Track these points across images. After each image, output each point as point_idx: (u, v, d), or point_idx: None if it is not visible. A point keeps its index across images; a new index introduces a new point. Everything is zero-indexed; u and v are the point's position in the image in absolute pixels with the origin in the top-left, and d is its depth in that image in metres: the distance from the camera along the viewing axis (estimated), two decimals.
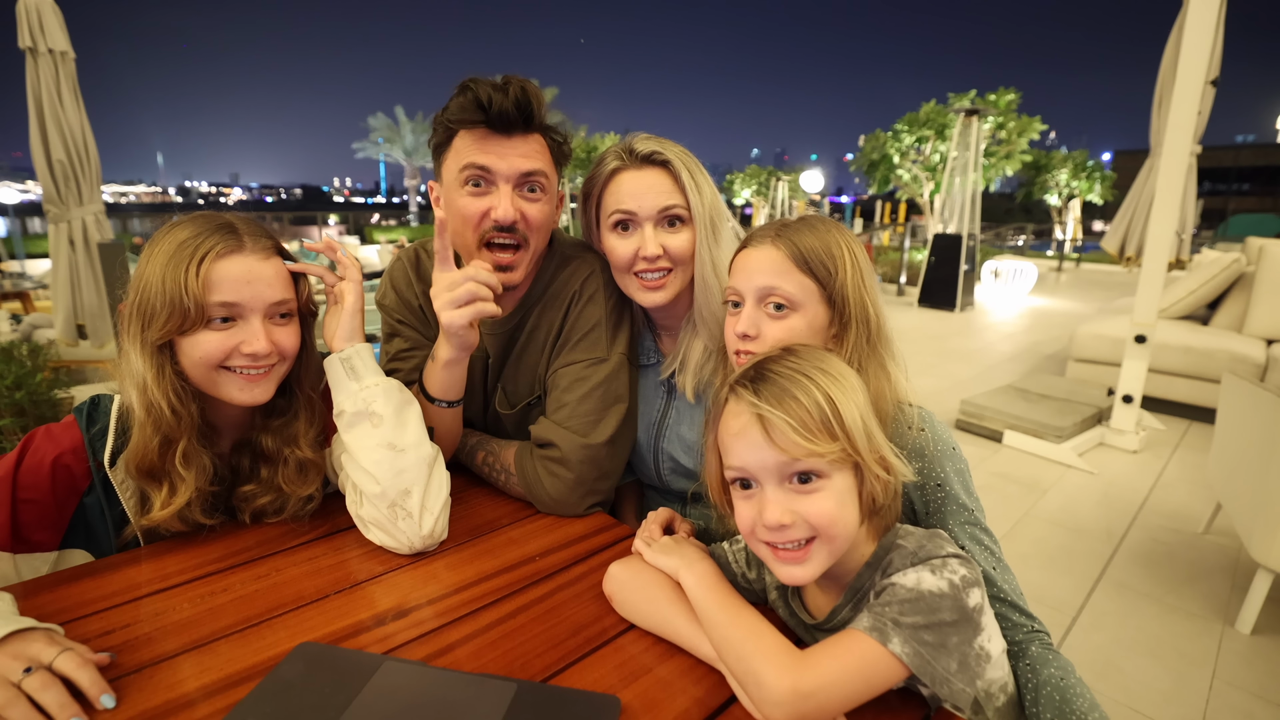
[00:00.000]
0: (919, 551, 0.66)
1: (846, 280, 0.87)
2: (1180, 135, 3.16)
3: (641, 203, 1.06)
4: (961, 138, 8.70)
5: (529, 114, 0.99)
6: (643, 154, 1.07)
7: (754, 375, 0.69)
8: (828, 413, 0.65)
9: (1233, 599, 2.19)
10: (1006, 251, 15.74)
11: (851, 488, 0.67)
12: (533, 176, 1.02)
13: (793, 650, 0.63)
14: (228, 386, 0.88)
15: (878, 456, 0.68)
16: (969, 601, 0.62)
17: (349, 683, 0.66)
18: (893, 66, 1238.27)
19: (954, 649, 0.60)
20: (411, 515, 0.90)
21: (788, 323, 0.88)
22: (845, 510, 0.66)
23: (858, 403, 0.68)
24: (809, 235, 0.89)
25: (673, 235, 1.08)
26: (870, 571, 0.70)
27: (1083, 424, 3.64)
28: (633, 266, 1.09)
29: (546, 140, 1.05)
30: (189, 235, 0.85)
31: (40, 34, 3.28)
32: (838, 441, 0.65)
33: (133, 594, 0.82)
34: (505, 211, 1.00)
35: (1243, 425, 2.10)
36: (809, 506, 0.65)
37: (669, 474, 1.20)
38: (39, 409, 2.65)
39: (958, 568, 0.64)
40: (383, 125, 33.32)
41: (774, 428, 0.65)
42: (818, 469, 0.65)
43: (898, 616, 0.61)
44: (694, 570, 0.76)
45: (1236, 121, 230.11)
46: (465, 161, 0.99)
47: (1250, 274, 4.22)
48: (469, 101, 0.97)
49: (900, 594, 0.63)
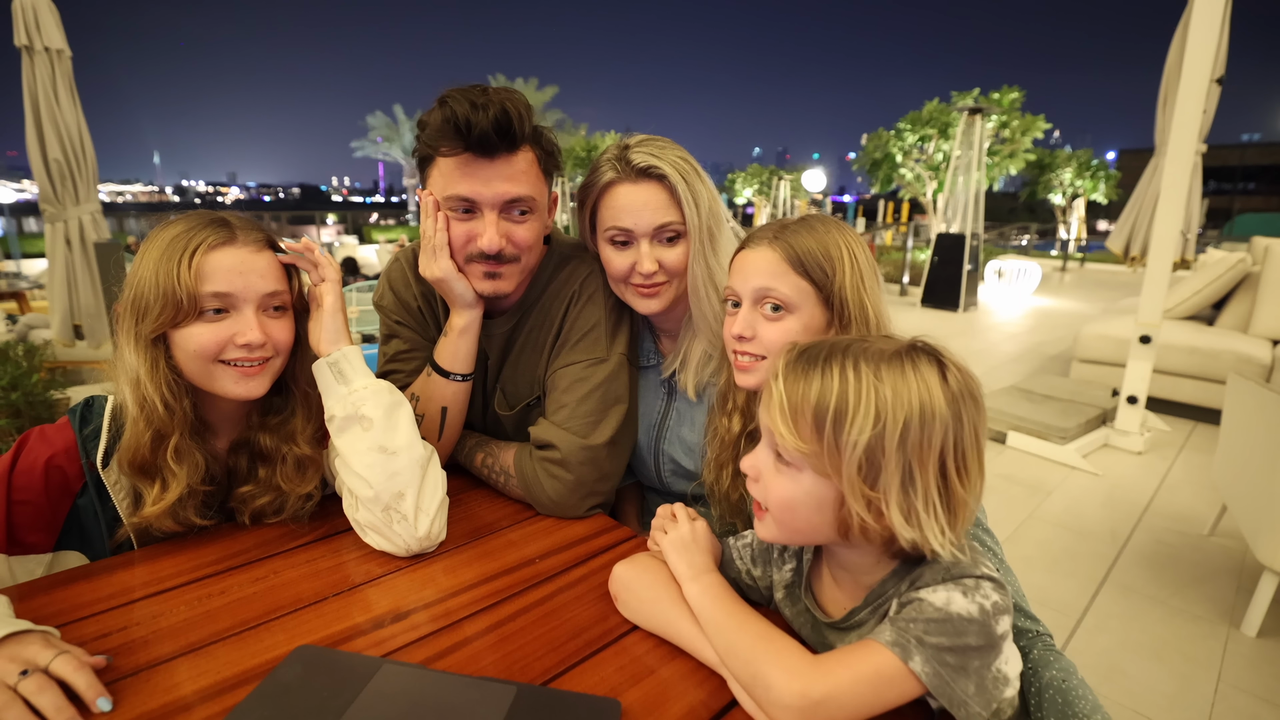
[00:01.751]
0: (952, 568, 0.63)
1: (845, 282, 0.86)
2: (1185, 134, 3.15)
3: (638, 221, 1.05)
4: (965, 136, 8.67)
5: (510, 133, 0.96)
6: (639, 167, 1.04)
7: (800, 352, 0.66)
8: (829, 412, 0.61)
9: (1238, 602, 2.17)
10: (1010, 251, 15.70)
11: (824, 495, 0.64)
12: (518, 200, 1.01)
13: (804, 654, 0.62)
14: (223, 380, 0.88)
15: (871, 503, 0.61)
16: (997, 629, 0.59)
17: (347, 686, 0.65)
18: (896, 64, 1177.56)
19: (974, 672, 0.58)
20: (406, 518, 0.90)
21: (784, 324, 0.88)
22: (800, 507, 0.65)
23: (882, 429, 0.59)
24: (807, 236, 0.88)
25: (669, 250, 1.07)
26: (896, 580, 0.67)
27: (1087, 425, 3.62)
28: (628, 278, 1.09)
29: (536, 151, 1.03)
30: (181, 230, 0.86)
31: (36, 32, 3.27)
32: (817, 444, 0.61)
33: (129, 596, 0.81)
34: (490, 241, 1.00)
35: (1248, 426, 2.09)
36: (773, 482, 0.65)
37: (670, 475, 1.20)
38: (35, 410, 2.65)
39: (990, 592, 0.60)
40: (381, 124, 33.38)
41: (772, 400, 0.64)
42: (790, 457, 0.64)
43: (922, 635, 0.59)
44: (700, 581, 0.75)
45: (1242, 120, 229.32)
46: (449, 192, 0.99)
47: (1256, 274, 4.20)
48: (447, 124, 0.94)
49: (928, 611, 0.60)
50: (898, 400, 0.59)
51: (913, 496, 0.60)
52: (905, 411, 0.59)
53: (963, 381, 0.62)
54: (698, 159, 1.09)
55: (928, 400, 0.60)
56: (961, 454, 0.61)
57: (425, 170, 1.03)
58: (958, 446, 0.61)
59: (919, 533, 0.60)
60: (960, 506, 0.62)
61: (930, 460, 0.60)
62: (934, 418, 0.59)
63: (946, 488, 0.61)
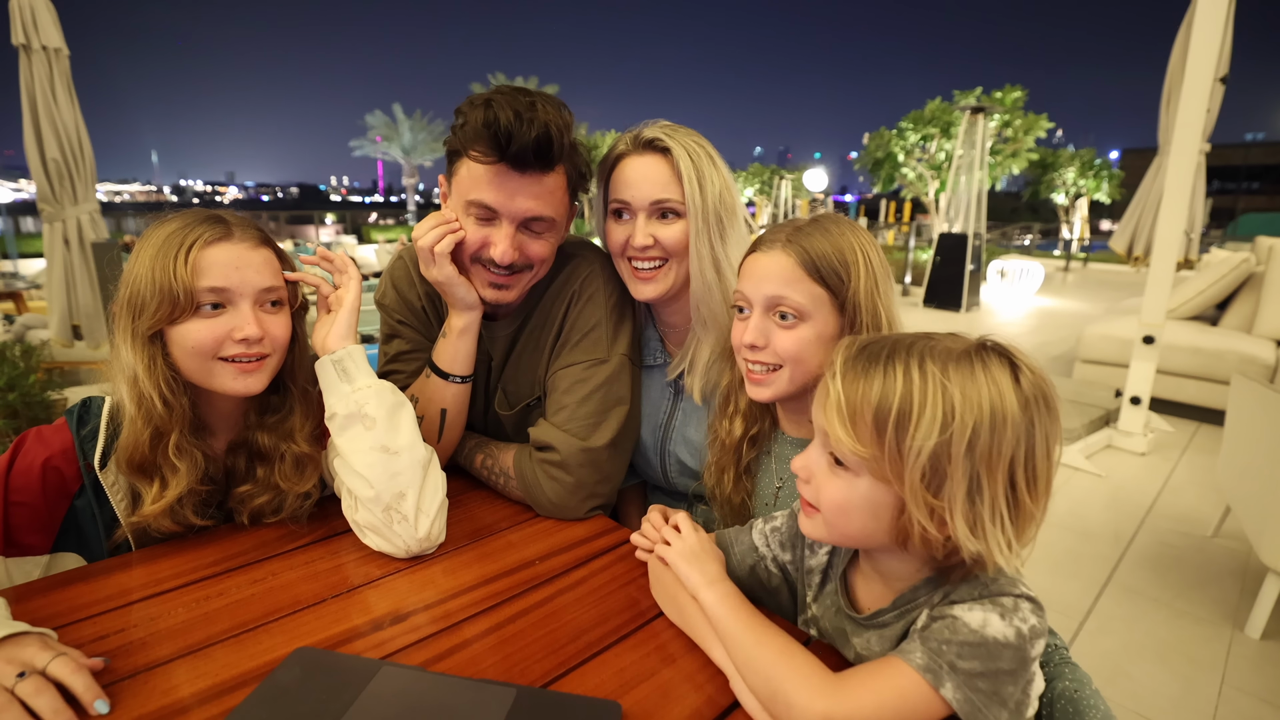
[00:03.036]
0: (990, 583, 0.60)
1: (859, 287, 0.84)
2: (1189, 133, 3.13)
3: (635, 193, 1.05)
4: (967, 136, 8.65)
5: (548, 156, 0.95)
6: (646, 140, 1.06)
7: (860, 348, 0.62)
8: (891, 414, 0.57)
9: (1242, 603, 2.16)
10: (1013, 251, 15.67)
11: (881, 500, 0.61)
12: (540, 219, 1.00)
13: (826, 672, 0.60)
14: (221, 376, 0.88)
15: (935, 511, 0.57)
16: (1032, 652, 0.57)
17: (346, 688, 0.65)
18: (898, 63, 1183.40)
19: (1008, 699, 0.56)
20: (407, 518, 0.89)
21: (797, 333, 0.86)
22: (854, 511, 0.62)
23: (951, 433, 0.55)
24: (821, 239, 0.85)
25: (665, 227, 1.06)
26: (929, 589, 0.64)
27: (1090, 426, 3.61)
28: (625, 252, 1.09)
29: (567, 170, 1.02)
30: (177, 226, 0.86)
31: (34, 30, 3.26)
32: (877, 448, 0.58)
33: (127, 598, 0.81)
34: (504, 253, 0.99)
35: (1253, 427, 2.08)
36: (826, 484, 0.63)
37: (676, 475, 1.19)
38: (32, 411, 2.65)
39: (1029, 615, 0.57)
40: (380, 123, 33.33)
41: (828, 400, 0.61)
42: (847, 460, 0.61)
43: (955, 660, 0.56)
44: (715, 590, 0.73)
45: (1246, 119, 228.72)
46: (473, 196, 0.98)
47: (1260, 274, 4.18)
48: (487, 130, 0.91)
49: (962, 633, 0.57)
50: (966, 403, 0.55)
51: (980, 507, 0.56)
52: (975, 416, 0.55)
53: (1036, 384, 0.57)
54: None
55: (999, 404, 0.55)
56: (1033, 464, 0.57)
57: (453, 163, 1.01)
58: (1029, 456, 0.56)
59: (984, 545, 0.56)
60: (1028, 521, 0.58)
61: (1000, 469, 0.55)
62: (1005, 423, 0.55)
63: (1015, 500, 0.57)
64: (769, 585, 0.85)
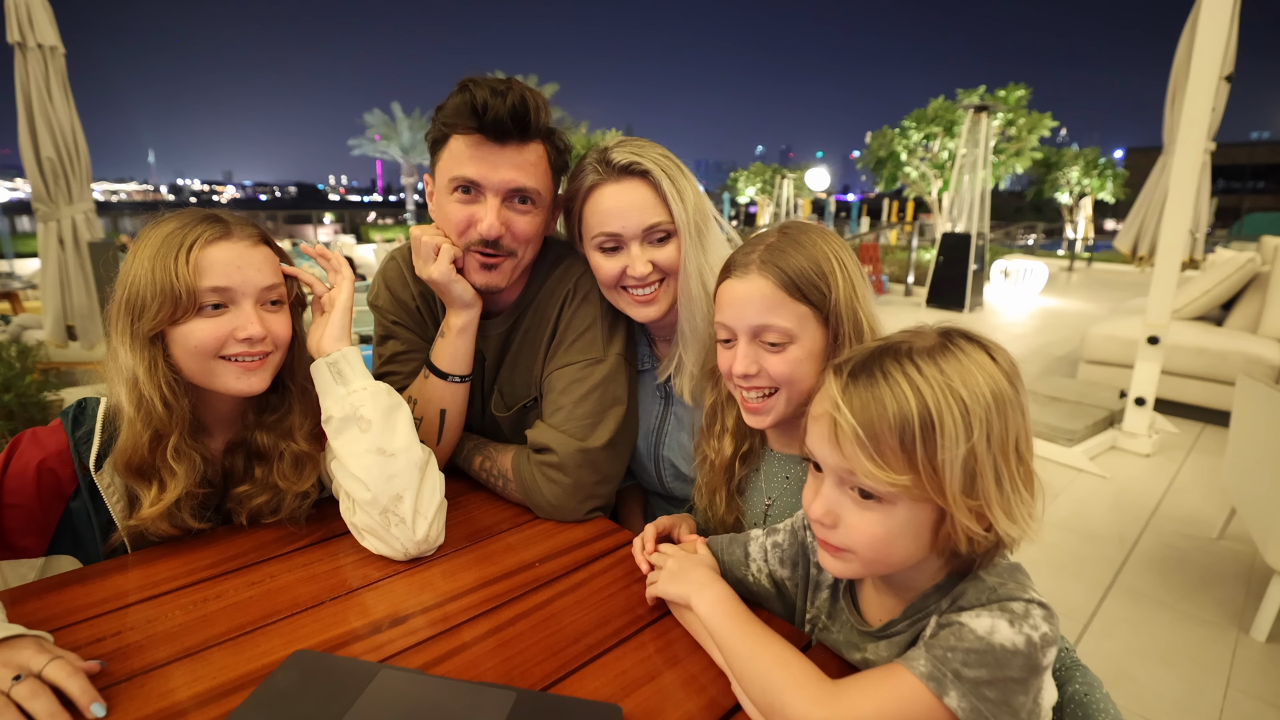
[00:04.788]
0: (999, 588, 0.58)
1: (840, 296, 0.83)
2: (1194, 132, 3.12)
3: (625, 223, 1.02)
4: (970, 135, 8.63)
5: (525, 122, 0.97)
6: (620, 164, 1.02)
7: (850, 370, 0.61)
8: (914, 428, 0.55)
9: (1247, 606, 2.15)
10: (1016, 251, 15.64)
11: (922, 519, 0.59)
12: (523, 190, 1.00)
13: (824, 679, 0.59)
14: (224, 376, 0.87)
15: (975, 508, 0.56)
16: (1043, 661, 0.55)
17: (344, 691, 0.64)
18: (900, 62, 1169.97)
19: (1019, 709, 0.54)
20: (404, 521, 0.89)
21: (787, 355, 0.84)
22: (896, 540, 0.59)
23: (973, 436, 0.55)
24: (796, 254, 0.83)
25: (660, 250, 1.05)
26: (939, 595, 0.63)
27: (1094, 427, 3.59)
28: (620, 282, 1.06)
29: (546, 147, 1.03)
30: (175, 226, 0.85)
31: (29, 28, 3.25)
32: (911, 470, 0.56)
33: (123, 601, 0.81)
34: (490, 226, 0.99)
35: (1258, 428, 2.06)
36: (859, 522, 0.59)
37: (671, 480, 1.18)
38: (28, 411, 2.64)
39: (1040, 622, 0.55)
40: (379, 122, 33.27)
41: (843, 434, 0.58)
42: (880, 492, 0.58)
43: (960, 668, 0.54)
44: (706, 596, 0.72)
45: (1251, 118, 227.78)
46: (454, 172, 0.98)
47: (1265, 274, 4.16)
48: (465, 105, 0.95)
49: (968, 640, 0.55)
50: (974, 398, 0.56)
51: (1006, 488, 0.56)
52: (984, 408, 0.56)
53: (1006, 356, 0.60)
54: (700, 157, 1.09)
55: (996, 388, 0.57)
56: (1027, 430, 0.59)
57: (436, 154, 1.02)
58: (1024, 424, 0.58)
59: (1019, 526, 0.57)
60: (1032, 482, 0.59)
61: (1010, 447, 0.57)
62: (1006, 405, 0.57)
63: (1023, 469, 0.58)
64: (759, 595, 0.84)
